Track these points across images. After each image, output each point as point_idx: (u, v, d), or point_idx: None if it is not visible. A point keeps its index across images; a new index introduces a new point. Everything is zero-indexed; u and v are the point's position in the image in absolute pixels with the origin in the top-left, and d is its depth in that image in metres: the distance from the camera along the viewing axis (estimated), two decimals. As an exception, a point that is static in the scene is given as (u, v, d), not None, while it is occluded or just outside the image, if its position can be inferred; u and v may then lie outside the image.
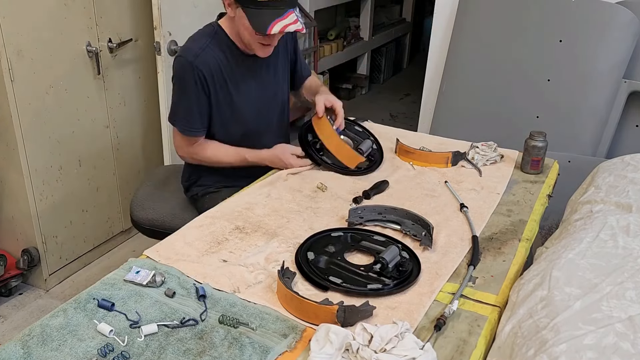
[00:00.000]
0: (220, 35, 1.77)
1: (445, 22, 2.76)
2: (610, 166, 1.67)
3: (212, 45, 1.75)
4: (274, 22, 1.63)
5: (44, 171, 2.41)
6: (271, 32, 1.63)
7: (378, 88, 5.87)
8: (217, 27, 1.79)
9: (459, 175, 1.83)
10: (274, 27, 1.63)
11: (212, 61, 1.74)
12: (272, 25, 1.63)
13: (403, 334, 1.05)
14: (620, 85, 2.36)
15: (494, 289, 1.28)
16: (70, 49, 2.39)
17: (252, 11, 1.64)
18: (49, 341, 1.09)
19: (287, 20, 1.64)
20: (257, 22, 1.64)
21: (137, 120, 2.82)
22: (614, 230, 1.29)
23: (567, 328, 0.97)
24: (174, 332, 1.12)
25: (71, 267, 2.69)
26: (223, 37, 1.77)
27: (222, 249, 1.40)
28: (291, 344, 1.10)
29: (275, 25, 1.63)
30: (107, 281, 1.26)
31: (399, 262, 1.31)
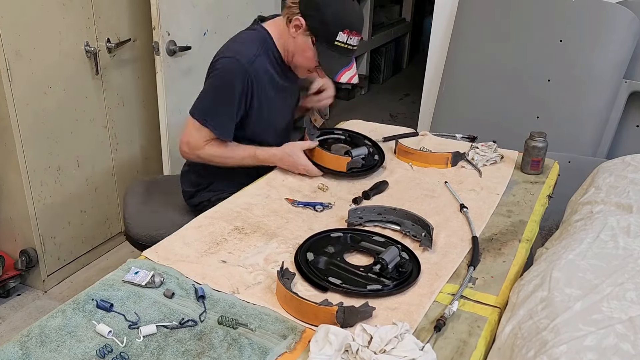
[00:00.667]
0: (268, 43, 1.73)
1: (445, 22, 2.76)
2: (610, 167, 1.67)
3: (263, 53, 1.71)
4: (343, 71, 1.66)
5: (42, 172, 2.41)
6: (340, 80, 1.67)
7: (377, 88, 5.87)
8: (265, 32, 1.74)
9: (459, 176, 1.82)
10: (343, 77, 1.67)
11: (263, 70, 1.71)
12: (341, 75, 1.67)
13: (403, 335, 1.05)
14: (621, 86, 2.36)
15: (494, 289, 1.28)
16: (69, 49, 2.38)
17: (325, 51, 1.64)
18: (47, 342, 1.08)
19: (352, 71, 1.69)
20: (327, 64, 1.66)
21: (135, 121, 2.81)
22: (614, 231, 1.29)
23: (568, 329, 0.97)
24: (173, 333, 1.12)
25: (69, 268, 2.68)
26: (271, 46, 1.73)
27: (221, 250, 1.40)
28: (290, 344, 1.09)
29: (343, 75, 1.67)
30: (105, 282, 1.26)
31: (398, 263, 1.31)
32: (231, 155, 1.78)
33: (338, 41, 1.62)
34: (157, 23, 2.35)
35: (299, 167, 1.77)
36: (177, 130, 2.58)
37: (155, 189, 2.16)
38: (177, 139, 2.57)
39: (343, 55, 1.65)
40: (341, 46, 1.63)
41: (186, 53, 2.50)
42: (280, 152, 1.78)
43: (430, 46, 2.86)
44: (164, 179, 2.39)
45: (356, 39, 1.65)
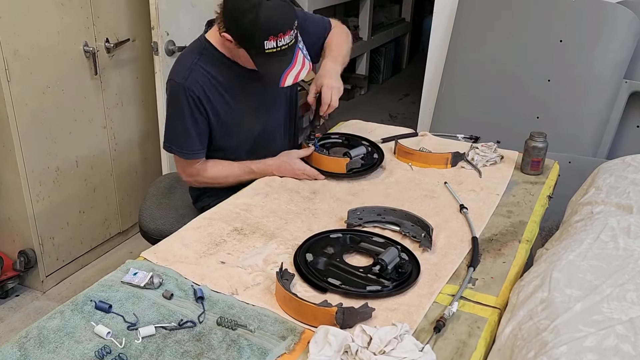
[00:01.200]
0: (208, 50, 1.68)
1: (445, 22, 2.76)
2: (611, 167, 1.67)
3: (201, 62, 1.66)
4: (286, 73, 1.57)
5: (40, 172, 2.40)
6: (284, 84, 1.59)
7: (377, 88, 5.86)
8: (204, 41, 1.69)
9: (459, 176, 1.82)
10: (287, 80, 1.58)
11: (203, 79, 1.66)
12: (285, 78, 1.58)
13: (402, 336, 1.05)
14: (621, 86, 2.35)
15: (493, 290, 1.28)
16: (67, 49, 2.38)
17: (259, 59, 1.56)
18: (45, 343, 1.08)
19: (297, 66, 1.58)
20: (267, 72, 1.59)
21: (134, 121, 2.81)
22: (614, 231, 1.29)
23: (568, 330, 0.97)
24: (172, 334, 1.12)
25: (68, 269, 2.68)
26: (213, 52, 1.68)
27: (220, 251, 1.39)
28: (290, 345, 1.09)
29: (288, 77, 1.58)
30: (104, 283, 1.26)
31: (398, 264, 1.31)
32: (228, 174, 1.78)
33: (268, 49, 1.52)
34: (156, 23, 2.35)
35: (297, 173, 1.76)
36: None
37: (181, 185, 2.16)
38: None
39: (280, 57, 1.55)
40: (274, 52, 1.53)
41: (185, 53, 2.49)
42: (276, 162, 1.78)
43: (430, 46, 2.86)
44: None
45: (286, 38, 1.53)
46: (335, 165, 1.76)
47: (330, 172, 1.77)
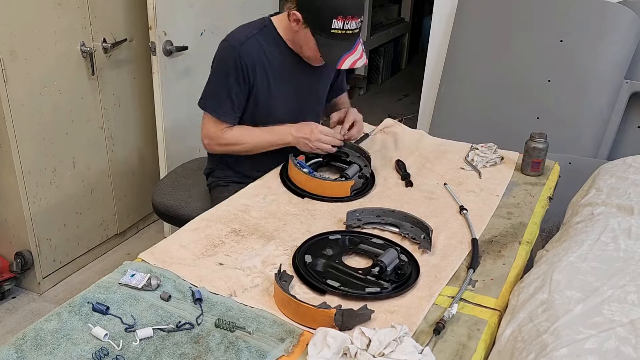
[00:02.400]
0: (269, 29, 1.74)
1: (445, 21, 2.75)
2: (611, 168, 1.67)
3: (259, 36, 1.72)
4: (345, 57, 1.62)
5: (37, 173, 2.39)
6: (341, 67, 1.63)
7: (376, 89, 5.86)
8: (267, 21, 1.76)
9: (459, 177, 1.82)
10: (345, 63, 1.63)
11: (257, 51, 1.71)
12: (343, 61, 1.62)
13: (402, 338, 1.05)
14: (622, 86, 2.35)
15: (494, 292, 1.28)
16: (64, 49, 2.37)
17: (323, 40, 1.62)
18: (43, 345, 1.08)
19: (356, 55, 1.64)
20: (327, 53, 1.63)
21: (131, 122, 2.80)
22: (615, 233, 1.29)
23: (568, 332, 0.97)
24: (170, 336, 1.11)
25: (65, 270, 2.67)
26: (272, 31, 1.74)
27: (218, 252, 1.39)
28: (288, 348, 1.09)
29: (346, 61, 1.63)
30: (101, 284, 1.25)
31: (397, 265, 1.31)
32: (248, 137, 1.79)
33: (334, 29, 1.59)
34: (154, 23, 2.34)
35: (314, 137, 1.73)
36: (174, 131, 2.58)
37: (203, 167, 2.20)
38: (173, 140, 2.58)
39: (342, 41, 1.62)
40: (338, 33, 1.60)
41: (183, 53, 2.49)
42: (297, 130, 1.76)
43: (430, 46, 2.86)
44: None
45: (354, 22, 1.60)
46: (339, 189, 1.69)
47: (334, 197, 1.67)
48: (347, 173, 1.74)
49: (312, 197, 1.66)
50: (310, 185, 1.68)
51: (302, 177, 1.69)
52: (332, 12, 1.57)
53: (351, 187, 1.68)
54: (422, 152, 1.99)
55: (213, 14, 2.63)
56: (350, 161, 1.82)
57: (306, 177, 1.68)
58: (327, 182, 1.69)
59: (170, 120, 2.53)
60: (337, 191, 1.68)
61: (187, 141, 2.63)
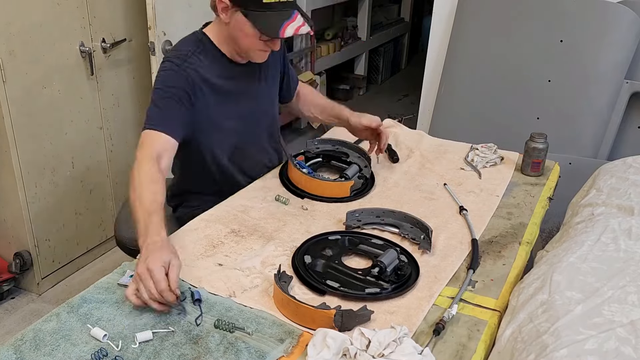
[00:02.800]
0: (205, 44, 1.64)
1: (444, 21, 2.75)
2: (611, 168, 1.66)
3: (197, 53, 1.62)
4: (285, 25, 1.52)
5: (36, 173, 2.39)
6: (284, 34, 1.53)
7: (376, 89, 5.86)
8: (201, 35, 1.66)
9: (458, 178, 1.81)
10: (286, 30, 1.53)
11: (200, 67, 1.61)
12: (284, 28, 1.53)
13: (401, 339, 1.04)
14: (622, 86, 2.35)
15: (493, 293, 1.27)
16: (63, 49, 2.37)
17: (257, 15, 1.51)
18: (41, 346, 1.08)
19: (297, 22, 1.54)
20: (264, 25, 1.52)
21: (130, 122, 2.80)
22: (615, 233, 1.28)
23: (568, 333, 0.97)
24: (169, 337, 1.11)
25: (64, 271, 2.66)
26: (209, 46, 1.64)
27: (217, 253, 1.38)
28: (288, 348, 1.09)
29: (287, 28, 1.53)
30: (100, 285, 1.25)
31: (397, 266, 1.30)
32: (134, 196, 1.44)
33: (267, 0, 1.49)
34: (153, 23, 2.34)
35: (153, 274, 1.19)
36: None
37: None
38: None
39: (278, 10, 1.52)
40: (272, 2, 1.50)
41: (182, 53, 2.48)
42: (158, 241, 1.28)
43: (430, 46, 2.85)
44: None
45: None
46: (339, 189, 1.67)
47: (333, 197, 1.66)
48: (347, 173, 1.73)
49: (312, 198, 1.66)
50: (310, 186, 1.67)
51: (302, 177, 1.68)
52: None
53: (351, 188, 1.68)
54: (422, 152, 1.98)
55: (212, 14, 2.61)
56: (350, 161, 1.82)
57: (306, 178, 1.68)
58: (327, 183, 1.68)
59: (170, 121, 2.53)
60: (337, 192, 1.67)
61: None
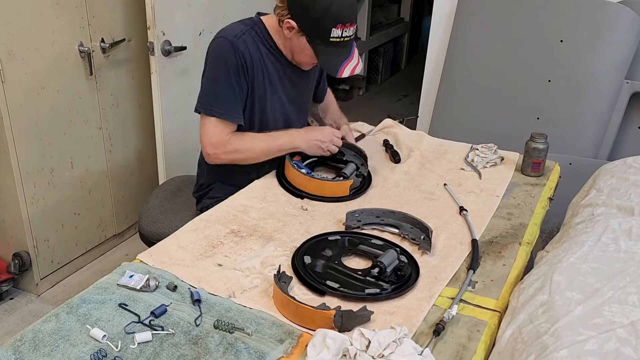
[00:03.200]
0: (259, 28, 1.68)
1: (444, 21, 2.75)
2: (612, 168, 1.66)
3: (250, 33, 1.66)
4: (344, 65, 1.59)
5: (35, 174, 2.38)
6: (342, 75, 1.60)
7: (376, 89, 5.85)
8: (257, 20, 1.70)
9: (458, 178, 1.81)
10: (345, 71, 1.60)
11: (253, 47, 1.65)
12: (343, 69, 1.60)
13: (401, 339, 1.04)
14: (622, 86, 2.35)
15: (494, 293, 1.27)
16: (62, 49, 2.36)
17: (321, 49, 1.58)
18: (40, 346, 1.07)
19: (354, 61, 1.62)
20: (327, 62, 1.61)
21: (130, 122, 2.79)
22: (615, 233, 1.28)
23: (568, 333, 0.97)
24: (168, 337, 1.11)
25: (63, 271, 2.66)
26: (263, 31, 1.68)
27: (217, 253, 1.38)
28: (287, 349, 1.08)
29: (345, 69, 1.60)
30: (100, 285, 1.25)
31: (397, 266, 1.30)
32: (257, 143, 1.70)
33: (333, 37, 1.56)
34: (152, 23, 2.33)
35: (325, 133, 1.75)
36: (173, 132, 2.57)
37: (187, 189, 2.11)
38: (172, 140, 2.57)
39: (341, 48, 1.59)
40: (337, 41, 1.57)
41: (181, 53, 2.48)
42: (301, 130, 1.75)
43: (429, 46, 2.85)
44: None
45: (351, 29, 1.58)
46: (338, 189, 1.67)
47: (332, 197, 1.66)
48: (345, 172, 1.73)
49: (311, 198, 1.65)
50: (309, 186, 1.67)
51: (301, 178, 1.68)
52: (331, 22, 1.53)
53: (350, 187, 1.67)
54: (422, 152, 1.98)
55: (212, 14, 2.62)
56: (346, 160, 1.81)
57: (304, 178, 1.68)
58: (327, 183, 1.68)
59: (169, 121, 2.53)
60: (336, 191, 1.67)
61: (185, 142, 2.62)
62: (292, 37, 1.62)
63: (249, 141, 1.70)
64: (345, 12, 1.55)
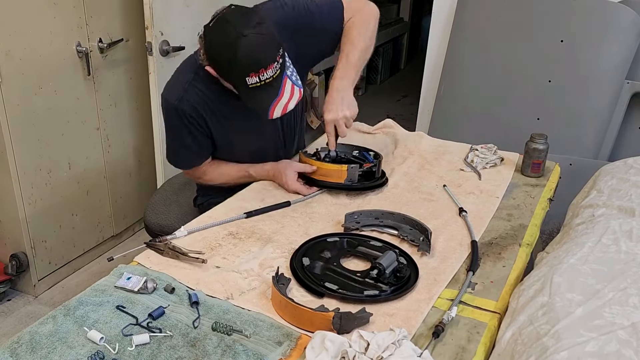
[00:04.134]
0: (202, 70, 1.58)
1: (444, 21, 2.75)
2: (612, 169, 1.66)
3: (195, 81, 1.62)
4: (274, 105, 1.50)
5: (32, 174, 2.38)
6: (273, 116, 1.52)
7: (375, 89, 5.86)
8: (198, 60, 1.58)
9: (458, 179, 1.81)
10: (275, 111, 1.51)
11: (197, 99, 1.62)
12: (273, 109, 1.50)
13: (400, 341, 1.03)
14: (623, 86, 2.35)
15: (493, 295, 1.27)
16: (60, 49, 2.36)
17: (246, 94, 1.50)
18: (38, 349, 1.07)
19: (286, 96, 1.50)
20: (254, 105, 1.51)
21: (128, 122, 2.79)
22: (616, 234, 1.28)
23: (569, 335, 0.96)
24: (166, 339, 1.11)
25: (61, 273, 2.66)
26: (207, 73, 1.58)
27: (215, 255, 1.38)
28: (286, 351, 1.08)
29: (275, 109, 1.50)
30: (97, 287, 1.25)
31: (396, 268, 1.29)
32: (228, 178, 1.79)
33: (251, 84, 1.45)
34: (150, 23, 2.33)
35: (287, 188, 1.69)
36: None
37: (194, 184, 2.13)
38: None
39: (265, 90, 1.48)
40: (258, 85, 1.46)
41: (180, 53, 2.48)
42: (272, 169, 1.74)
43: (429, 46, 2.85)
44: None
45: (269, 71, 1.44)
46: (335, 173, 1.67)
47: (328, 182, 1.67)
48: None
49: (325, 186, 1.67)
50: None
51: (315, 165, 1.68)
52: (242, 72, 1.43)
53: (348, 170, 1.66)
54: (422, 153, 1.97)
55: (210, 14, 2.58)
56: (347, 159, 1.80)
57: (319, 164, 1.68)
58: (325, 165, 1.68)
59: (167, 121, 2.52)
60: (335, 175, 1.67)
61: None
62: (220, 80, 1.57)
63: (223, 174, 1.80)
64: (254, 60, 1.42)
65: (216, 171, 1.80)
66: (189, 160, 1.77)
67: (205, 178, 1.81)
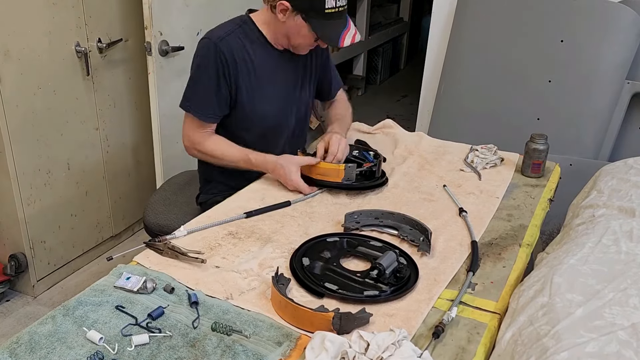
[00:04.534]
0: (248, 25, 1.72)
1: (444, 21, 2.75)
2: (613, 169, 1.66)
3: (238, 32, 1.71)
4: (344, 34, 1.64)
5: (31, 175, 2.37)
6: (343, 44, 1.65)
7: (375, 89, 5.85)
8: (246, 17, 1.75)
9: (458, 179, 1.81)
10: (345, 40, 1.64)
11: (238, 47, 1.69)
12: (343, 37, 1.64)
13: (400, 342, 1.03)
14: (623, 87, 2.35)
15: (493, 295, 1.27)
16: (59, 49, 2.36)
17: (318, 23, 1.62)
18: (37, 349, 1.07)
19: (352, 31, 1.66)
20: (326, 34, 1.64)
21: (127, 122, 2.79)
22: (616, 235, 1.28)
23: (569, 335, 0.96)
24: (166, 340, 1.10)
25: (60, 273, 2.65)
26: (252, 27, 1.72)
27: (214, 255, 1.37)
28: (285, 352, 1.08)
29: (345, 38, 1.64)
30: (96, 287, 1.24)
31: (396, 268, 1.29)
32: (226, 154, 1.76)
33: (328, 9, 1.59)
34: (149, 23, 2.32)
35: (288, 183, 1.69)
36: (170, 133, 2.56)
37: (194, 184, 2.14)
38: (170, 141, 2.57)
39: (337, 19, 1.63)
40: (333, 12, 1.60)
41: (179, 53, 2.47)
42: (273, 161, 1.72)
43: (429, 46, 2.85)
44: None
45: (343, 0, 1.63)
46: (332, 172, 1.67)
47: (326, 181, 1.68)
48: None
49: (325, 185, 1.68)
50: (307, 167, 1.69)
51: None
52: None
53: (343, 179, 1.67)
54: (422, 153, 1.97)
55: (209, 14, 2.61)
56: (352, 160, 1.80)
57: None
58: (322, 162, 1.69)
59: (166, 121, 2.52)
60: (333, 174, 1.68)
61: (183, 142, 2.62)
62: (287, 19, 1.64)
63: (222, 148, 1.77)
64: None
65: (217, 144, 1.77)
66: (202, 103, 1.72)
67: (205, 146, 1.76)
